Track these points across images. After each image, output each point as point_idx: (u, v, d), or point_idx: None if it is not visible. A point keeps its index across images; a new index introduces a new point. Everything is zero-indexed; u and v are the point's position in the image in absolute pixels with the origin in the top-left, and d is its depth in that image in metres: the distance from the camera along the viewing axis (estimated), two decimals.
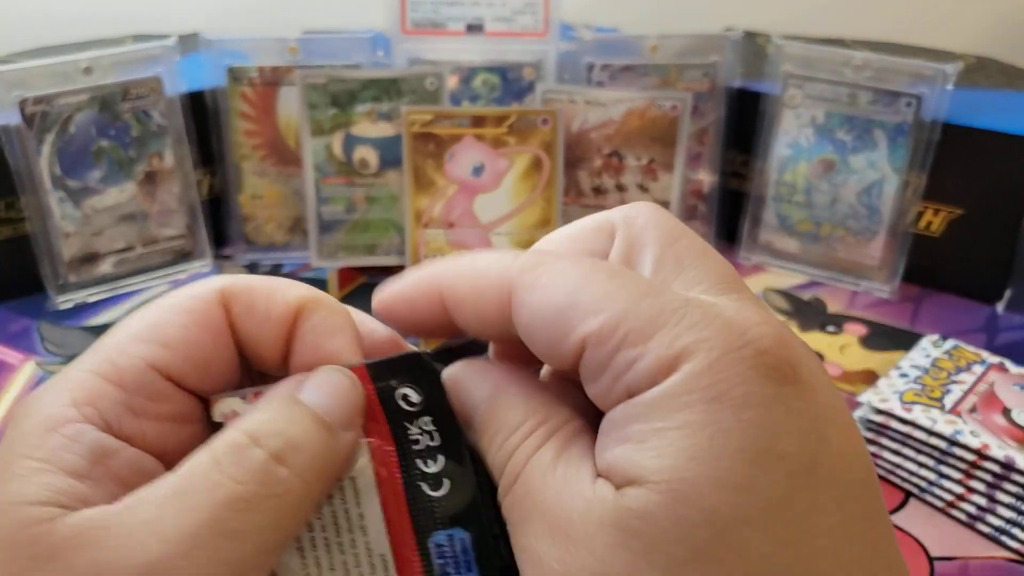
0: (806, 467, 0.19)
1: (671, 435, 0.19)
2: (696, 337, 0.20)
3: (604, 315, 0.20)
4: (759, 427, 0.19)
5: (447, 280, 0.24)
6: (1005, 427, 0.50)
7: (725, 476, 0.18)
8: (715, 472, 0.18)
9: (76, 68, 0.66)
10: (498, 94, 0.74)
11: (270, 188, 0.75)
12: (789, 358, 0.20)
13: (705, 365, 0.19)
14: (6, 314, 0.68)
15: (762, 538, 0.18)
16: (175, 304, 0.24)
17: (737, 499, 0.18)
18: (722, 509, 0.18)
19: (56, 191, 0.67)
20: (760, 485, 0.18)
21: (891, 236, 0.71)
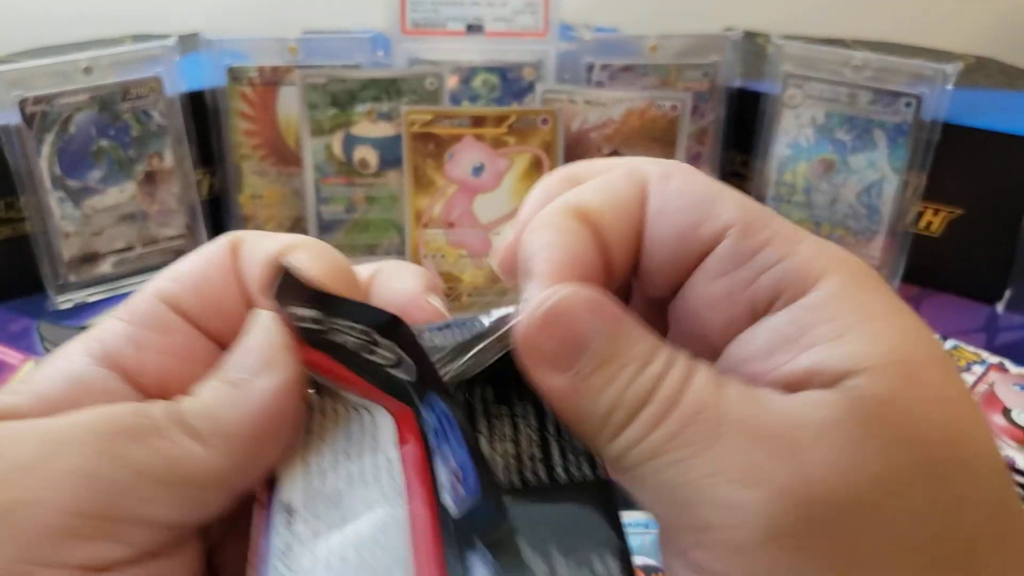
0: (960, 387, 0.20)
1: (876, 325, 0.19)
2: (839, 254, 0.20)
3: (746, 213, 0.20)
4: (921, 330, 0.19)
5: (593, 210, 0.21)
6: (1005, 427, 0.50)
7: (941, 359, 0.19)
8: (932, 355, 0.19)
9: (76, 68, 0.65)
10: (498, 94, 0.74)
11: (270, 188, 0.75)
12: None
13: (861, 271, 0.20)
14: (6, 314, 0.68)
15: (981, 425, 0.19)
16: (191, 252, 0.24)
17: (957, 384, 0.19)
18: (949, 392, 0.18)
19: (56, 191, 0.67)
20: (961, 390, 0.19)
21: (891, 236, 0.71)
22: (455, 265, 0.70)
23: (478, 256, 0.71)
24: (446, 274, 0.70)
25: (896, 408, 0.18)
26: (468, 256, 0.70)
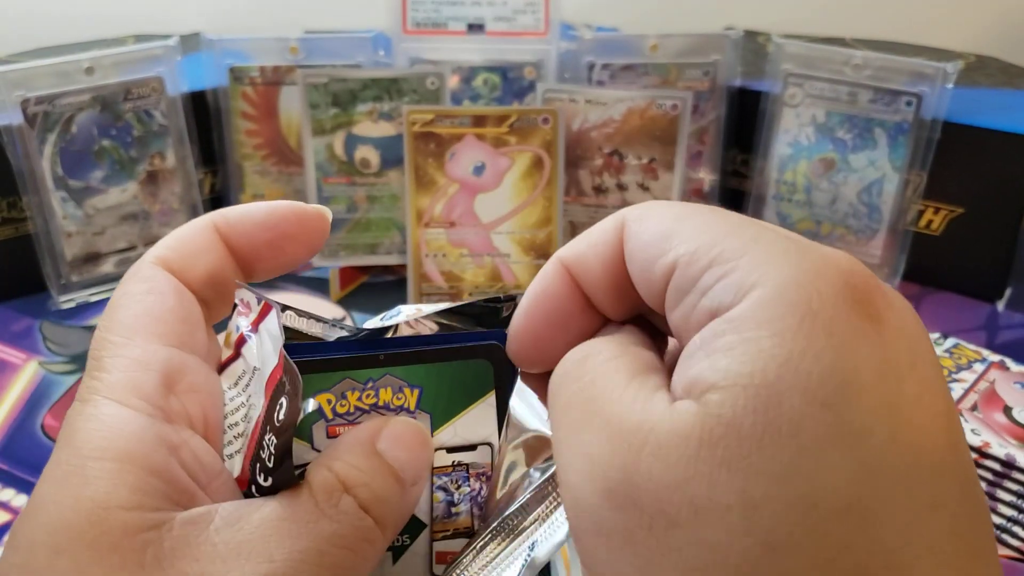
0: (887, 404, 0.18)
1: (763, 342, 0.18)
2: (786, 260, 0.19)
3: (699, 239, 0.21)
4: (846, 352, 0.18)
5: (571, 256, 0.24)
6: (1006, 425, 0.50)
7: (815, 390, 0.18)
8: (806, 384, 0.18)
9: (78, 68, 0.66)
10: (499, 93, 0.75)
11: (272, 187, 0.75)
12: (875, 298, 0.19)
13: (795, 283, 0.19)
14: (8, 313, 0.68)
15: (847, 462, 0.18)
16: None
17: (824, 416, 0.18)
18: (808, 424, 0.18)
19: (58, 191, 0.67)
20: (847, 408, 0.18)
21: (891, 235, 0.71)
22: (456, 264, 0.71)
23: (479, 255, 0.71)
24: (447, 273, 0.71)
25: (738, 433, 0.18)
26: (469, 255, 0.71)
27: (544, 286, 0.25)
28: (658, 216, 0.22)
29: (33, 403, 0.59)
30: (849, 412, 0.18)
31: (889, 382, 0.18)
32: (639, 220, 0.22)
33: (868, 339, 0.19)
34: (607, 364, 0.22)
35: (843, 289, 0.19)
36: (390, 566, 0.26)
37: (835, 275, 0.19)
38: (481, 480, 0.27)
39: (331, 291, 0.72)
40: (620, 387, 0.21)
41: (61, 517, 0.20)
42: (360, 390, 0.25)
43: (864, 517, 0.17)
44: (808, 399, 0.18)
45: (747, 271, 0.19)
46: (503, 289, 0.71)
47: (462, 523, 0.27)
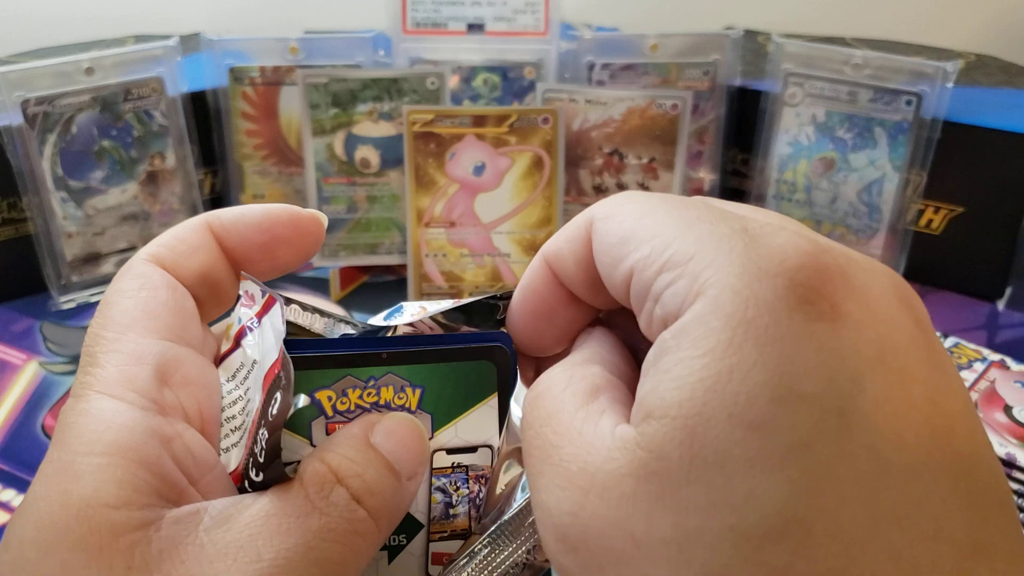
0: (834, 410, 0.17)
1: (692, 364, 0.18)
2: (729, 261, 0.18)
3: (653, 241, 0.20)
4: (784, 362, 0.17)
5: (550, 253, 0.24)
6: (1006, 424, 0.50)
7: (742, 412, 0.17)
8: (733, 408, 0.17)
9: (78, 68, 0.66)
10: (499, 93, 0.75)
11: (272, 188, 0.75)
12: (829, 291, 0.18)
13: (732, 290, 0.18)
14: (9, 314, 0.68)
15: (778, 484, 0.17)
16: None
17: (751, 439, 0.17)
18: (735, 450, 0.17)
19: (58, 191, 0.67)
20: (778, 426, 0.17)
21: (892, 234, 0.71)
22: (456, 264, 0.71)
23: (479, 255, 0.71)
24: (448, 273, 0.71)
25: (668, 468, 0.18)
26: (470, 255, 0.71)
27: (529, 281, 0.25)
28: (621, 216, 0.22)
29: (33, 403, 0.59)
30: (781, 430, 0.17)
31: (840, 384, 0.17)
32: (605, 219, 0.22)
33: (813, 342, 0.17)
34: (557, 400, 0.21)
35: (787, 289, 0.18)
36: (385, 565, 0.26)
37: (778, 274, 0.18)
38: (480, 483, 0.27)
39: (331, 291, 0.72)
40: (568, 424, 0.20)
41: (50, 514, 0.20)
42: (362, 388, 0.25)
43: (804, 539, 0.16)
44: (734, 423, 0.17)
45: (692, 277, 0.19)
46: (503, 288, 0.71)
47: (459, 525, 0.27)
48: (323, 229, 0.28)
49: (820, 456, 0.17)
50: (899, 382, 0.18)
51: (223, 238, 0.27)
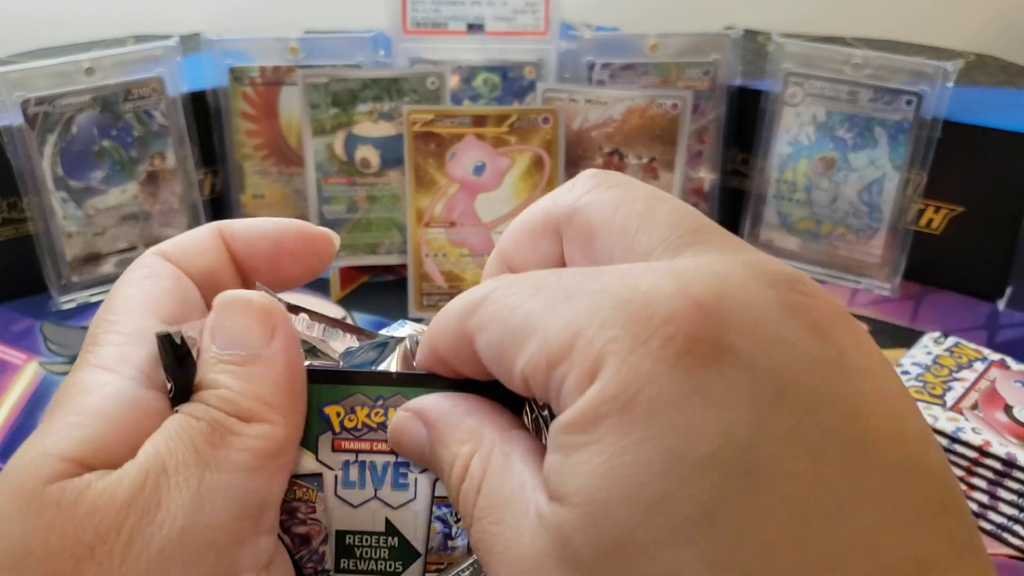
0: (736, 468, 0.16)
1: (589, 452, 0.17)
2: (608, 337, 0.17)
3: (530, 344, 0.19)
4: (671, 432, 0.16)
5: (433, 341, 0.23)
6: (1006, 424, 0.50)
7: (637, 494, 0.16)
8: (627, 491, 0.16)
9: (78, 69, 0.66)
10: (499, 93, 0.75)
11: (272, 188, 0.75)
12: (707, 333, 0.17)
13: (613, 371, 0.17)
14: (9, 314, 0.68)
15: (690, 559, 0.16)
16: None
17: (651, 519, 0.16)
18: (637, 533, 0.16)
19: (58, 191, 0.67)
20: (675, 500, 0.16)
21: (892, 234, 0.71)
22: (457, 264, 0.71)
23: (480, 255, 0.71)
24: (448, 273, 0.71)
25: (581, 555, 0.17)
26: (470, 255, 0.71)
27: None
28: (490, 323, 0.20)
29: (34, 403, 0.59)
30: (680, 504, 0.16)
31: (739, 436, 0.16)
32: (478, 330, 0.21)
33: (701, 396, 0.16)
34: (498, 479, 0.21)
35: (662, 348, 0.17)
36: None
37: (651, 336, 0.17)
38: None
39: (331, 291, 0.72)
40: (507, 512, 0.20)
41: (11, 463, 0.21)
42: (370, 407, 0.25)
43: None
44: (631, 507, 0.16)
45: (580, 365, 0.18)
46: None
47: (459, 559, 0.26)
48: (333, 248, 0.28)
49: (728, 523, 0.16)
50: (808, 411, 0.16)
51: (232, 244, 0.27)
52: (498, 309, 0.20)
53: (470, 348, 0.21)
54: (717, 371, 0.16)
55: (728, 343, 0.16)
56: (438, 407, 0.23)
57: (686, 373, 0.16)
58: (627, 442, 0.17)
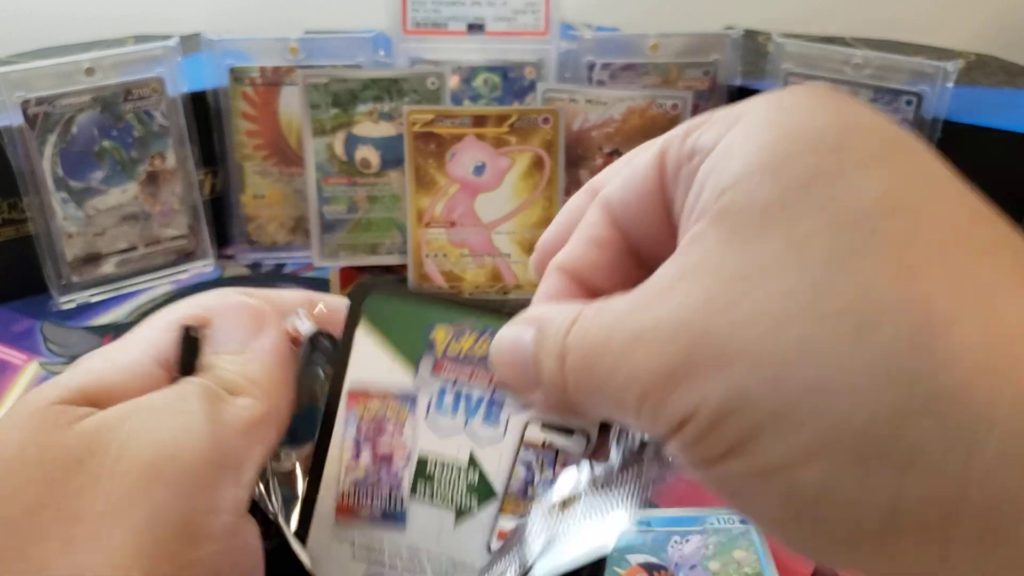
0: (830, 145, 0.19)
1: (744, 143, 0.20)
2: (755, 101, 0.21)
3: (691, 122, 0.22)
4: (783, 119, 0.20)
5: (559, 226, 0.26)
6: None
7: (819, 140, 0.19)
8: (807, 139, 0.19)
9: (78, 69, 0.66)
10: (499, 93, 0.75)
11: (272, 188, 0.75)
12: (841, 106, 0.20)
13: (763, 108, 0.21)
14: (9, 314, 0.68)
15: (877, 178, 0.19)
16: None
17: (832, 156, 0.19)
18: (822, 166, 0.19)
19: (58, 192, 0.67)
20: (786, 169, 0.19)
21: None
22: (457, 264, 0.71)
23: (480, 255, 0.71)
24: (448, 273, 0.71)
25: (760, 203, 0.19)
26: (470, 255, 0.71)
27: (583, 233, 0.26)
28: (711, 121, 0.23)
29: None
30: (873, 133, 0.20)
31: (838, 122, 0.20)
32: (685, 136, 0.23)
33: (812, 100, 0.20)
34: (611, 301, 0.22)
35: (807, 90, 0.21)
36: (450, 527, 0.26)
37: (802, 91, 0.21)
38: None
39: (331, 292, 0.72)
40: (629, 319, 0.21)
41: (30, 391, 0.26)
42: (476, 337, 0.25)
43: (916, 215, 0.19)
44: (811, 149, 0.19)
45: (724, 120, 0.21)
46: (502, 289, 0.71)
47: (531, 508, 0.26)
48: None
49: (908, 157, 0.19)
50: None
51: None
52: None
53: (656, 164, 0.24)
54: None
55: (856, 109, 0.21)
56: (549, 307, 0.24)
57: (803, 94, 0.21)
58: (802, 117, 0.20)
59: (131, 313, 0.69)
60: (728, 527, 0.46)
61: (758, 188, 0.19)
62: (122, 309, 0.69)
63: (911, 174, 0.19)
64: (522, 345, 0.23)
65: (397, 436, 0.26)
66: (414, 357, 0.26)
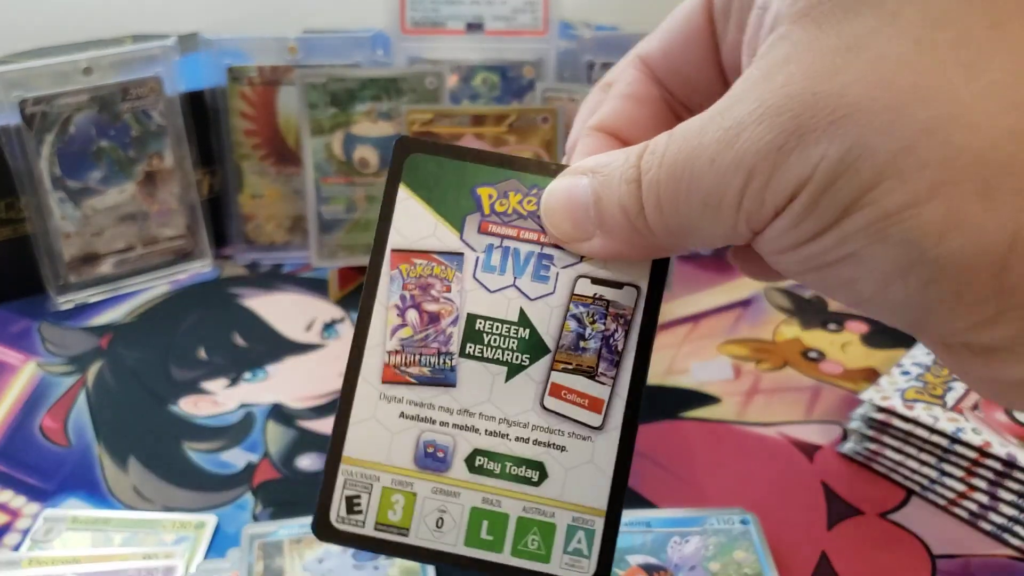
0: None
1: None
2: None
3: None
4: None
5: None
6: (1007, 424, 0.50)
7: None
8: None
9: (75, 68, 0.65)
10: (498, 93, 0.74)
11: (270, 187, 0.75)
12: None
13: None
14: (6, 315, 0.68)
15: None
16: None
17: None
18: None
19: (56, 191, 0.67)
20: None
21: None
22: None
23: None
24: None
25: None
26: None
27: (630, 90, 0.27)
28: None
29: (31, 404, 0.59)
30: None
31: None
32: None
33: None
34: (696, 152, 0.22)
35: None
36: (502, 383, 0.26)
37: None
38: (619, 322, 0.26)
39: (330, 291, 0.72)
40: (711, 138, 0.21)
41: None
42: (524, 194, 0.25)
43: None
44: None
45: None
46: None
47: (587, 361, 0.26)
48: None
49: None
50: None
51: None
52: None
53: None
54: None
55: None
56: (601, 155, 0.24)
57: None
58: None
59: (129, 313, 0.69)
60: (728, 528, 0.46)
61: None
62: (120, 309, 0.69)
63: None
64: (578, 192, 0.23)
65: (444, 295, 0.26)
66: (459, 216, 0.25)
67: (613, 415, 0.26)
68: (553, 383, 0.26)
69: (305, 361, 0.64)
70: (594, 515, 0.26)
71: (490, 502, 0.26)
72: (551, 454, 0.26)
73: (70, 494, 0.52)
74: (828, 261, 0.20)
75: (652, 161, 0.22)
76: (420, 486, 0.26)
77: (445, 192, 0.26)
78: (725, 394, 0.60)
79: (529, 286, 0.26)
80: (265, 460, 0.54)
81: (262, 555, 0.44)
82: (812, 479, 0.53)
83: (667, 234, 0.22)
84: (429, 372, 0.26)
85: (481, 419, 0.26)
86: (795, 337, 0.66)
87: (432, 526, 0.26)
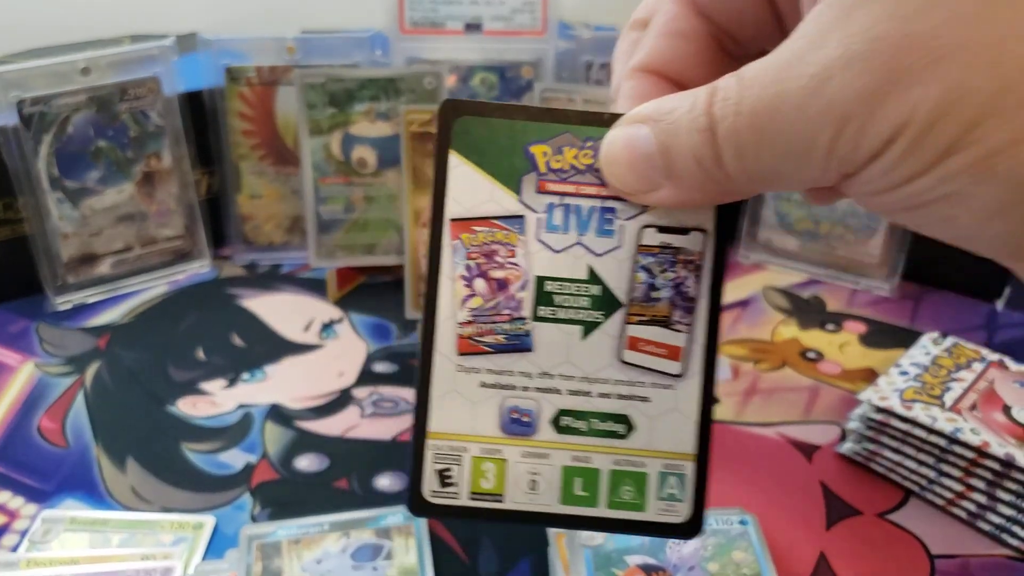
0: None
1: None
2: None
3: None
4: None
5: None
6: (1005, 424, 0.50)
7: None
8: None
9: (74, 68, 0.65)
10: (496, 93, 0.74)
11: (269, 188, 0.75)
12: None
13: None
14: (5, 315, 0.68)
15: None
16: None
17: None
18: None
19: (54, 192, 0.67)
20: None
21: (890, 234, 0.71)
22: None
23: None
24: None
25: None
26: None
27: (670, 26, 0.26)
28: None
29: (29, 405, 0.59)
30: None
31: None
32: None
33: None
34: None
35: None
36: (578, 340, 0.26)
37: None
38: (688, 268, 0.26)
39: (329, 292, 0.72)
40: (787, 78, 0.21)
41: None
42: (579, 148, 0.25)
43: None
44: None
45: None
46: None
47: (661, 311, 0.26)
48: None
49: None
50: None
51: None
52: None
53: None
54: None
55: None
56: (657, 101, 0.23)
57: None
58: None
59: (127, 314, 0.69)
60: (727, 528, 0.46)
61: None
62: (118, 310, 0.69)
63: None
64: (640, 142, 0.23)
65: (509, 260, 0.25)
66: (515, 177, 0.25)
67: (692, 361, 0.26)
68: (629, 336, 0.26)
69: (304, 361, 0.64)
70: (684, 460, 0.26)
71: (580, 459, 0.26)
72: (635, 406, 0.26)
73: (68, 495, 0.52)
74: (926, 200, 0.20)
75: (727, 109, 0.21)
76: (509, 452, 0.26)
77: (498, 154, 0.25)
78: (723, 394, 0.60)
79: (594, 241, 0.25)
80: (264, 461, 0.54)
81: (260, 556, 0.44)
82: (811, 479, 0.53)
83: (747, 181, 0.22)
84: (504, 339, 0.26)
85: (562, 380, 0.26)
86: (793, 337, 0.66)
87: (526, 488, 0.26)
